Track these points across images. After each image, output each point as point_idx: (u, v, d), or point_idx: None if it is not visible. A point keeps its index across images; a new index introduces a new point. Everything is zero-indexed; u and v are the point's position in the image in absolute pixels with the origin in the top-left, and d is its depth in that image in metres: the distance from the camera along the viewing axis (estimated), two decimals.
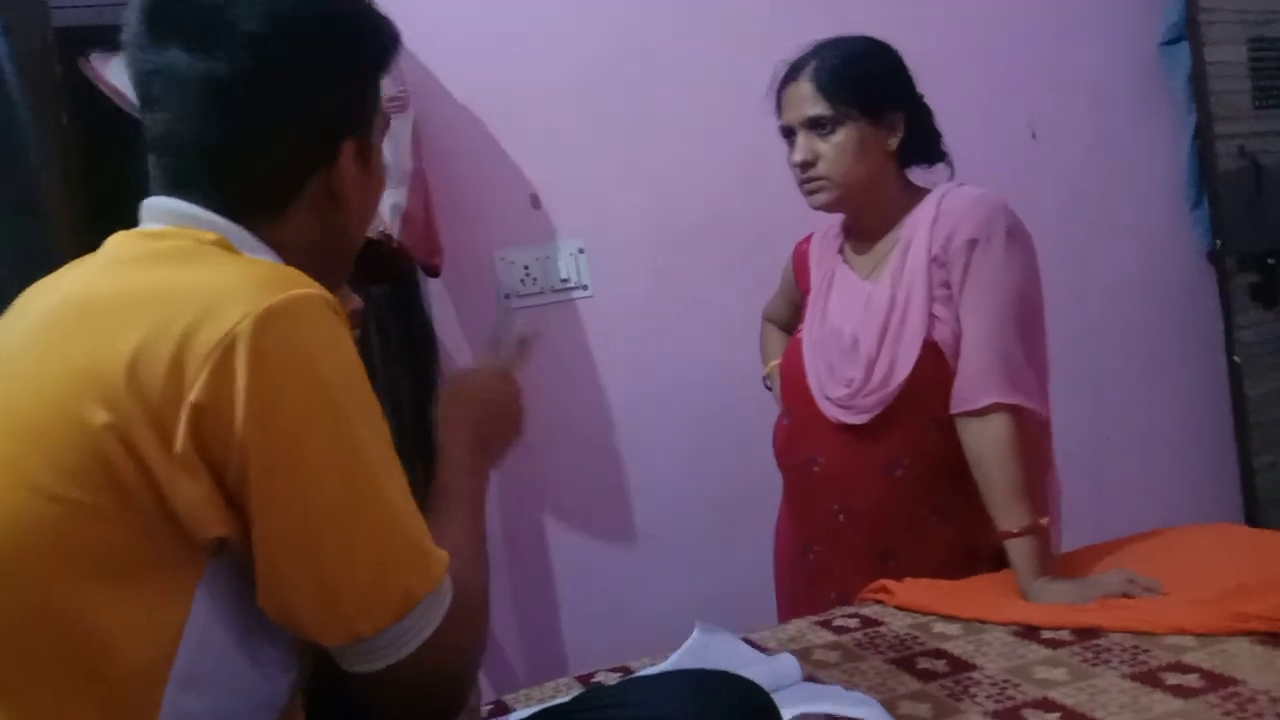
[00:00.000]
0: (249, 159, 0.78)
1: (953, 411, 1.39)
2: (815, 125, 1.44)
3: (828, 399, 1.48)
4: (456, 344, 2.16)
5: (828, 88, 1.43)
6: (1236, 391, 2.44)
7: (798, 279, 1.69)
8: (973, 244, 1.40)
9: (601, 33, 2.21)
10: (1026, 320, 1.40)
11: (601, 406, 2.24)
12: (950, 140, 2.32)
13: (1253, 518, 2.44)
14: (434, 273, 1.91)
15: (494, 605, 2.30)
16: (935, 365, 1.40)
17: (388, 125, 0.91)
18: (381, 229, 1.67)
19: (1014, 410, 1.35)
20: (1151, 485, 2.52)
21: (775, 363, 1.71)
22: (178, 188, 0.79)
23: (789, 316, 1.74)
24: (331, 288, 1.13)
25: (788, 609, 1.59)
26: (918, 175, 1.54)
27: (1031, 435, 1.38)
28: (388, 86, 1.73)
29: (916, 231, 1.45)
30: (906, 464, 1.43)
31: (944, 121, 2.34)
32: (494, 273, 2.17)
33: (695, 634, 1.27)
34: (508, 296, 2.18)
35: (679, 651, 1.23)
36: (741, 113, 1.53)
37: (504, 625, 2.20)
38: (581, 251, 2.21)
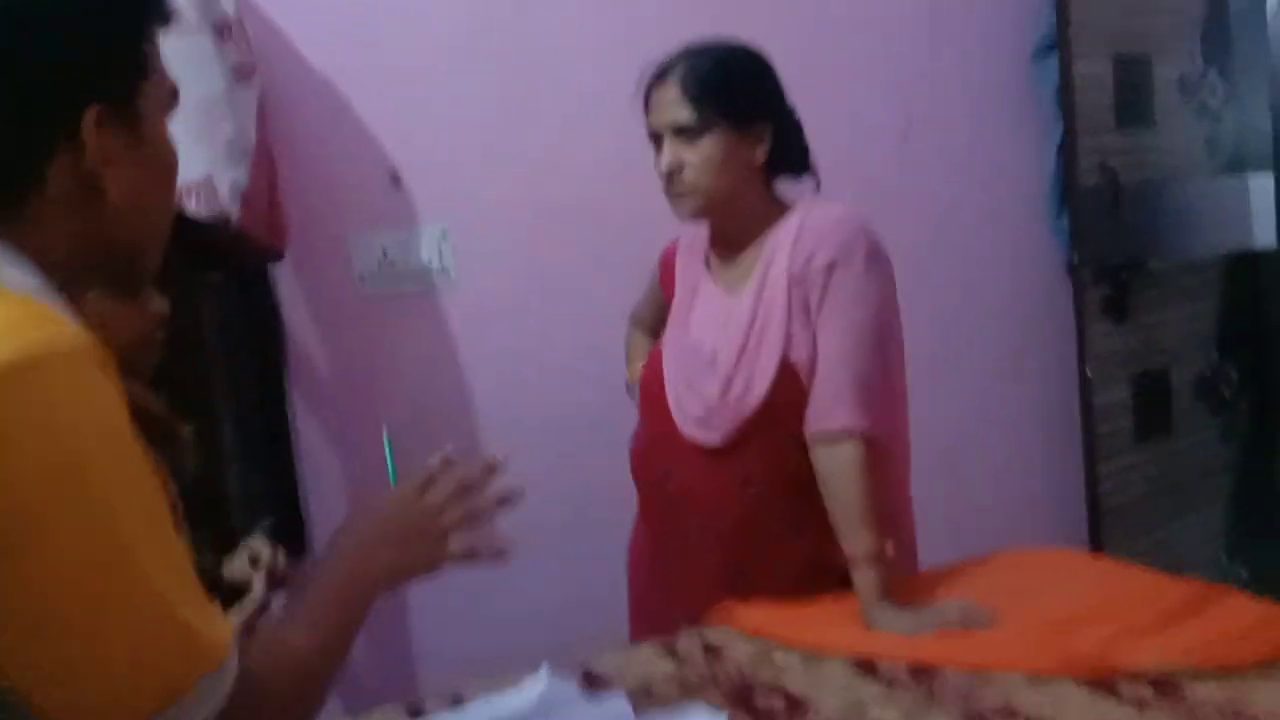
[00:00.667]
0: None
1: (805, 430, 1.38)
2: (681, 132, 1.39)
3: (685, 416, 1.44)
4: (306, 332, 2.05)
5: (694, 94, 1.38)
6: (1085, 403, 2.52)
7: (663, 285, 1.65)
8: (831, 267, 1.37)
9: (473, 3, 2.10)
10: (883, 345, 1.39)
11: (460, 398, 2.16)
12: (822, 138, 2.30)
13: (1095, 525, 2.53)
14: (277, 257, 1.80)
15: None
16: (792, 386, 1.38)
17: (174, 95, 0.79)
18: (218, 210, 1.54)
19: (865, 435, 1.34)
20: (1005, 490, 2.59)
21: (639, 367, 1.67)
22: None
23: (655, 321, 1.70)
24: (126, 293, 1.02)
25: (639, 623, 1.56)
26: (785, 187, 1.51)
27: (882, 460, 1.37)
28: (233, 54, 1.61)
29: (779, 249, 1.42)
30: (761, 481, 1.41)
31: (817, 118, 2.31)
32: (348, 255, 2.06)
33: (539, 677, 1.20)
34: (362, 280, 2.07)
35: (514, 691, 1.18)
36: (617, 96, 1.47)
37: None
38: (445, 236, 2.12)
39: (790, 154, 1.47)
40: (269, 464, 2.04)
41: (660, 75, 1.42)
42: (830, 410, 1.35)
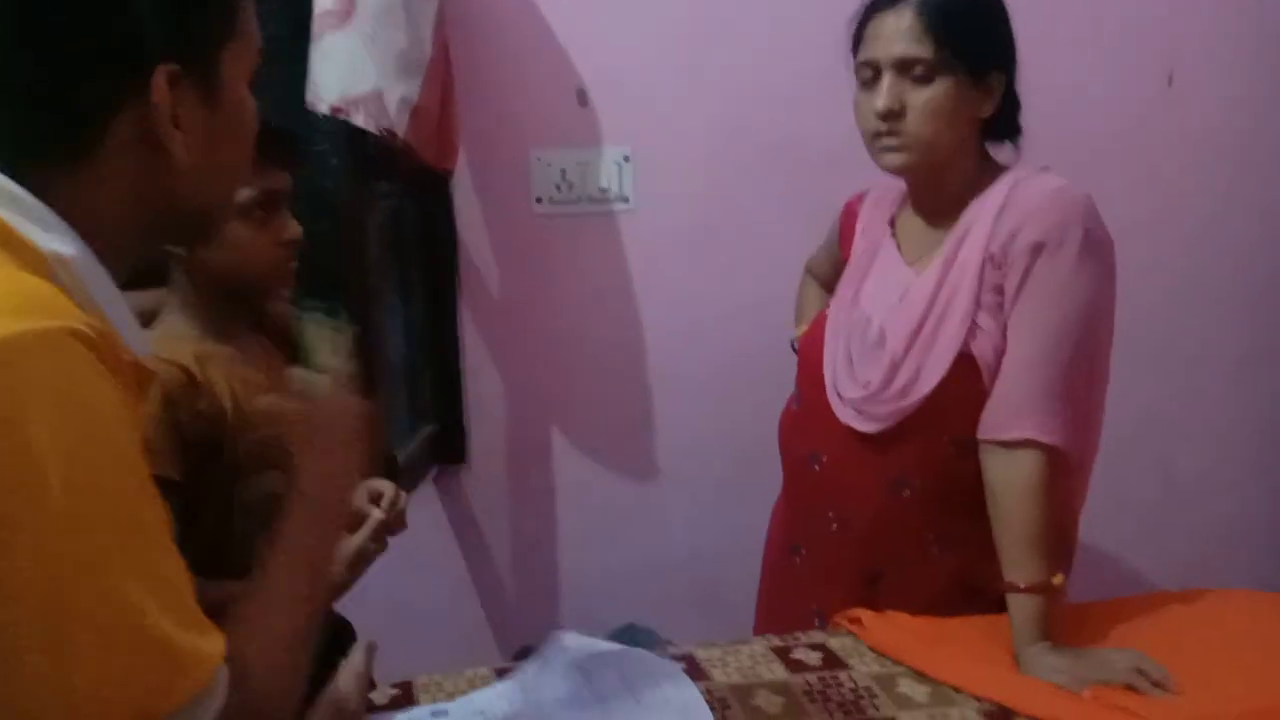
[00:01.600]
0: (19, 86, 0.62)
1: (979, 436, 1.20)
2: (908, 69, 1.19)
3: (840, 396, 1.29)
4: (480, 247, 2.02)
5: (936, 26, 1.17)
6: None
7: (841, 241, 1.49)
8: (1038, 248, 1.17)
9: None
10: (1085, 348, 1.18)
11: (628, 330, 2.08)
12: (1074, 82, 2.03)
13: None
14: (445, 175, 1.75)
15: (495, 529, 2.23)
16: (967, 381, 1.20)
17: (257, 52, 0.73)
18: (384, 125, 1.50)
19: (1049, 450, 1.16)
20: (1216, 502, 2.28)
21: (806, 326, 1.53)
22: None
23: (831, 275, 1.54)
24: (195, 245, 0.99)
25: (765, 611, 1.46)
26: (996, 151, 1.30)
27: (1064, 480, 1.19)
28: None
29: (977, 221, 1.22)
30: (916, 484, 1.25)
31: (1067, 59, 2.04)
32: (527, 174, 2.00)
33: (612, 646, 1.14)
34: (539, 200, 2.01)
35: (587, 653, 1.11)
36: (820, 23, 1.30)
37: (499, 547, 2.13)
38: (627, 160, 2.02)
39: (1009, 113, 1.26)
40: (434, 373, 2.05)
41: (888, 1, 1.22)
42: (1012, 417, 1.17)
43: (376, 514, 1.24)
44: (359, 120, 1.48)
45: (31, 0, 0.60)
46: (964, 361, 1.20)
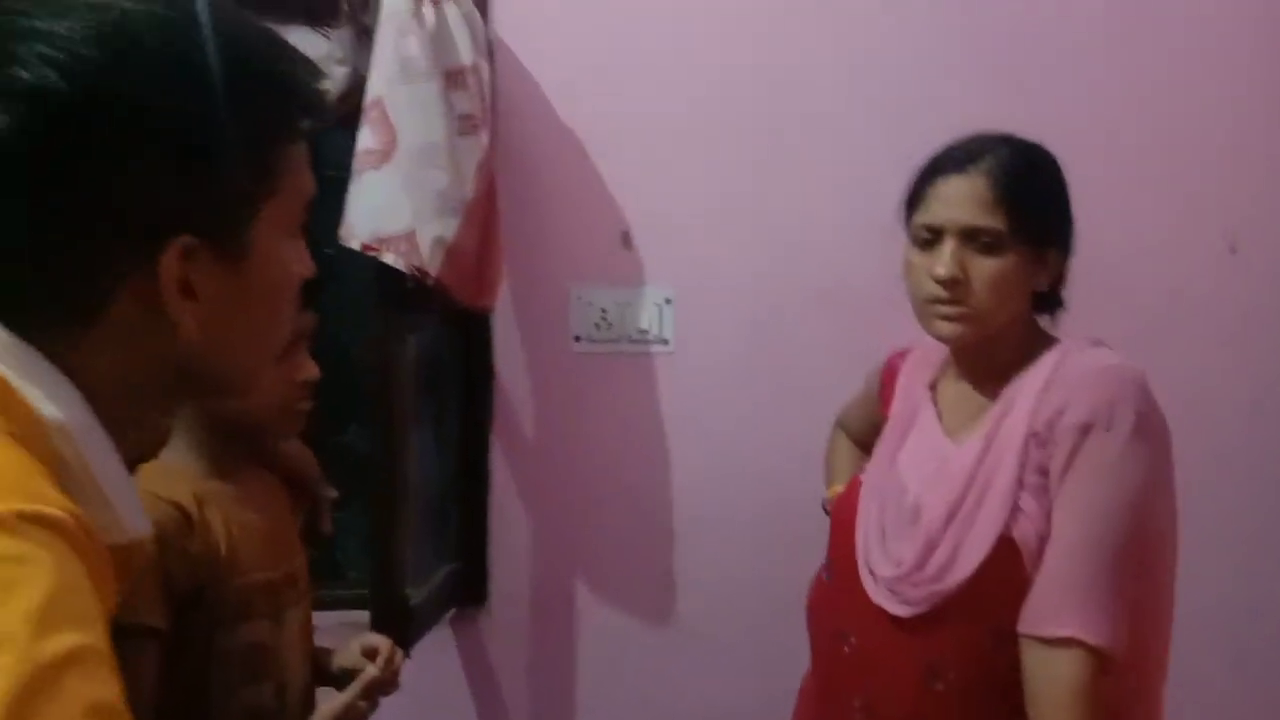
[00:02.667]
0: (23, 247, 0.58)
1: (1019, 630, 1.10)
2: (975, 237, 1.14)
3: (872, 573, 1.20)
4: (517, 382, 1.98)
5: (1009, 197, 1.13)
6: None
7: (881, 399, 1.41)
8: (1085, 428, 1.09)
9: (733, 63, 1.95)
10: (1138, 539, 1.09)
11: (663, 473, 2.01)
12: (1129, 251, 1.97)
13: None
14: (481, 312, 1.73)
15: (512, 680, 2.10)
16: (1008, 567, 1.11)
17: (305, 201, 0.68)
18: (416, 264, 1.49)
19: (1094, 651, 1.05)
20: None
21: (839, 488, 1.44)
22: None
23: (863, 432, 1.47)
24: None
25: None
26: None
27: (1115, 683, 1.07)
28: (462, 103, 1.56)
29: (1021, 394, 1.15)
30: (951, 677, 1.14)
31: (1122, 228, 1.98)
32: (567, 312, 1.97)
33: None
34: (578, 339, 1.98)
35: None
36: (868, 176, 1.26)
37: (515, 700, 2.02)
38: (669, 302, 1.98)
39: (1058, 285, 1.21)
40: (461, 509, 1.99)
41: (961, 162, 1.16)
42: (1054, 611, 1.07)
43: (370, 671, 1.19)
44: (389, 259, 1.47)
45: (8, 163, 0.56)
46: (1005, 545, 1.11)
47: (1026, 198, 1.14)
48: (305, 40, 1.84)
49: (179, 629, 1.05)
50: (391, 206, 1.47)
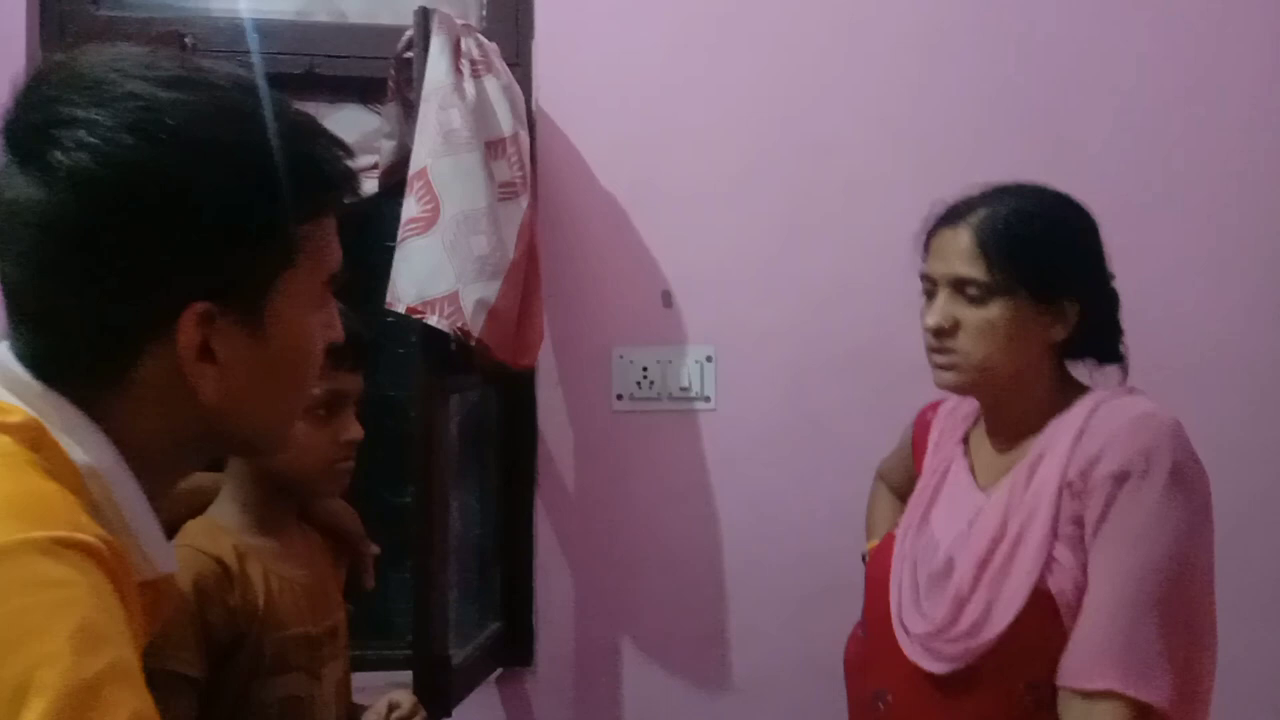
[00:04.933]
0: (51, 307, 0.63)
1: (1057, 683, 1.08)
2: (962, 287, 1.16)
3: (906, 631, 1.19)
4: (559, 442, 2.01)
5: (991, 247, 1.14)
6: None
7: (914, 453, 1.42)
8: (1121, 478, 1.08)
9: (770, 128, 2.00)
10: (1179, 587, 1.07)
11: (704, 532, 2.01)
12: (1174, 307, 1.94)
13: None
14: (522, 370, 1.76)
15: None
16: (1044, 621, 1.09)
17: (329, 274, 0.71)
18: (459, 326, 1.53)
19: (1135, 705, 1.03)
20: None
21: (878, 541, 1.43)
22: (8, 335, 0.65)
23: (905, 481, 1.47)
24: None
25: None
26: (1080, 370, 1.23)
27: None
28: (502, 171, 1.62)
29: (1053, 445, 1.14)
30: None
31: (1168, 283, 1.96)
32: (609, 370, 2.00)
33: None
34: (620, 397, 2.00)
35: None
36: (906, 235, 1.28)
37: None
38: (710, 360, 2.00)
39: (1097, 335, 1.20)
40: (505, 568, 2.01)
41: (952, 217, 1.20)
42: (1092, 663, 1.05)
43: None
44: (433, 321, 1.52)
45: (47, 236, 0.62)
46: (1041, 598, 1.09)
47: (1013, 250, 1.14)
48: (357, 118, 1.93)
49: (216, 678, 1.08)
50: (436, 271, 1.52)
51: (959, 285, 1.17)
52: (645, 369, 1.99)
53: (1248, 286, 2.00)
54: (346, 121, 1.91)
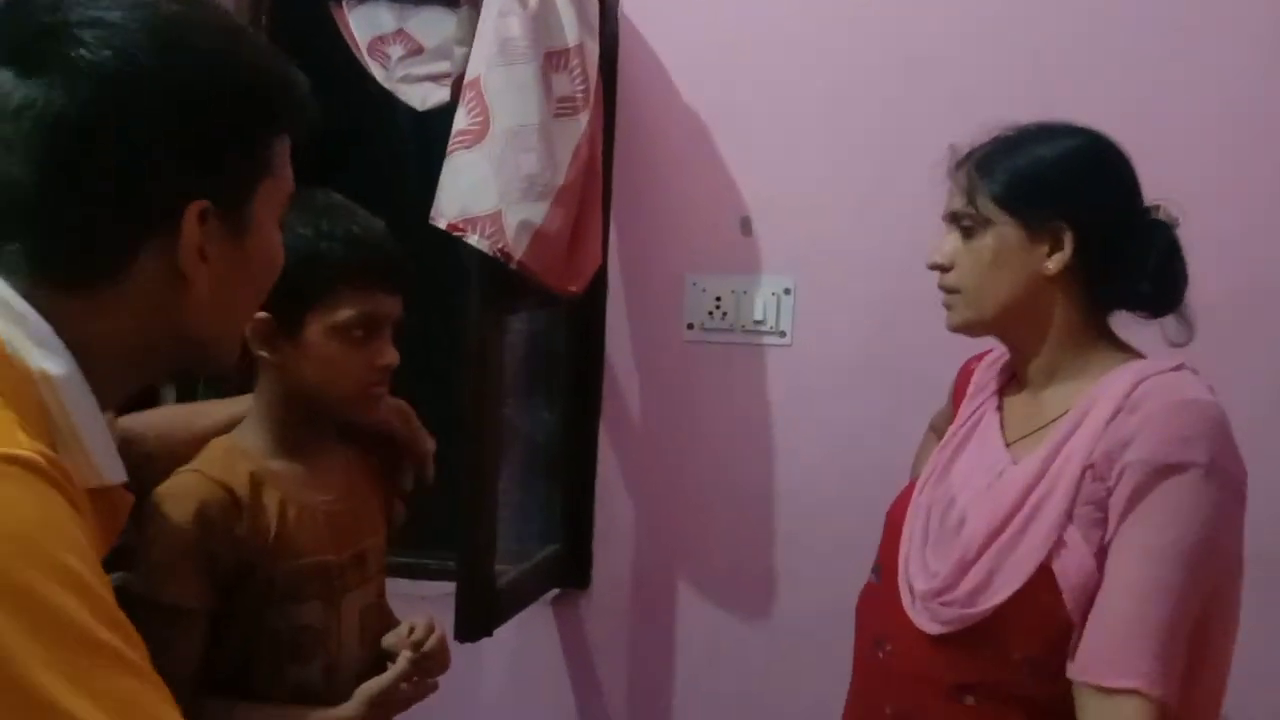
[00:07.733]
0: (46, 213, 0.65)
1: (1072, 676, 0.98)
2: (956, 222, 1.13)
3: (907, 584, 1.12)
4: (625, 369, 1.97)
5: (974, 178, 1.10)
6: None
7: (954, 402, 1.33)
8: (1154, 467, 0.97)
9: (868, 43, 1.85)
10: (1201, 588, 0.96)
11: (773, 469, 1.94)
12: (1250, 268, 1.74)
13: None
14: (566, 296, 1.70)
15: (611, 665, 2.10)
16: (1044, 599, 1.00)
17: (287, 193, 0.77)
18: (499, 247, 1.49)
19: (1158, 705, 0.94)
20: None
21: None
22: None
23: None
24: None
25: None
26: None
27: None
28: (562, 85, 1.55)
29: (1090, 413, 1.03)
30: (981, 696, 1.04)
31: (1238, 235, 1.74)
32: (681, 298, 1.93)
33: None
34: (690, 326, 1.93)
35: None
36: None
37: (613, 685, 2.01)
38: (788, 292, 1.90)
39: (1127, 278, 1.08)
40: (564, 492, 2.00)
41: (963, 157, 1.16)
42: (1115, 659, 0.96)
43: (404, 657, 1.15)
44: (473, 240, 1.49)
45: (64, 135, 0.64)
46: (1043, 576, 1.00)
47: (993, 178, 1.10)
48: (436, 20, 1.88)
49: (227, 606, 1.09)
50: (480, 187, 1.49)
51: (955, 221, 1.15)
52: (719, 299, 1.92)
53: None
54: (429, 23, 1.88)
